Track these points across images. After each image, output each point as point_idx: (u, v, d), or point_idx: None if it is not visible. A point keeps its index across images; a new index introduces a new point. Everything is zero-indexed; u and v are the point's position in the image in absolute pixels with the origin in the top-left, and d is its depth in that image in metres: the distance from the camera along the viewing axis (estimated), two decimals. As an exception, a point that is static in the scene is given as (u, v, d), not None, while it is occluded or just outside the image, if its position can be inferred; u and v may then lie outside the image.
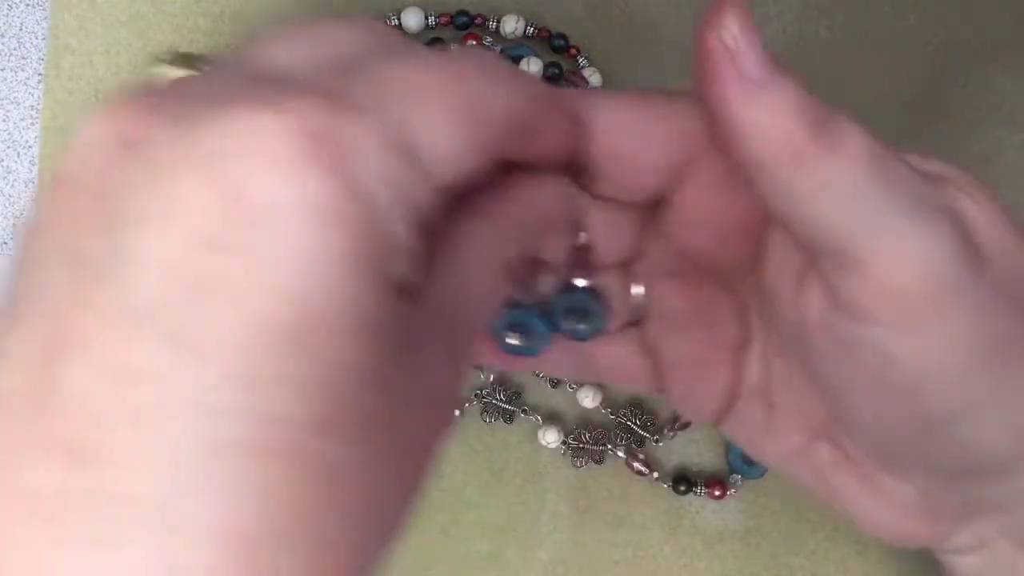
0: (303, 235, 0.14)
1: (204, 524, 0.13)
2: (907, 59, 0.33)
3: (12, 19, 0.33)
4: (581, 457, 0.32)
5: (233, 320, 0.13)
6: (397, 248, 0.15)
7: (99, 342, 0.14)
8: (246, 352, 0.13)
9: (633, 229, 0.24)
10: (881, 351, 0.19)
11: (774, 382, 0.25)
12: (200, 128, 0.14)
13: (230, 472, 0.13)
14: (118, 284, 0.14)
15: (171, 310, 0.13)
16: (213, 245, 0.13)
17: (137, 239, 0.14)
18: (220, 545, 0.13)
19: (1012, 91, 0.33)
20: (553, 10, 0.33)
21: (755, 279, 0.23)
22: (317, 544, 0.14)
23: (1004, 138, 0.33)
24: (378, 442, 0.15)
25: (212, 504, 0.13)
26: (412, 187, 0.15)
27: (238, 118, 0.14)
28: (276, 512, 0.14)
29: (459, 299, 0.18)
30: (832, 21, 0.33)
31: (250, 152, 0.14)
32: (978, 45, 0.33)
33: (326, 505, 0.14)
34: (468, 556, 0.32)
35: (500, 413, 0.32)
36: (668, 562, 0.32)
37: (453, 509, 0.32)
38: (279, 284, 0.13)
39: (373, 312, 0.14)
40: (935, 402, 0.19)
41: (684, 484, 0.32)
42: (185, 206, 0.13)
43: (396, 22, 0.32)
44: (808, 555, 0.32)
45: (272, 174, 0.14)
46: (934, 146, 0.33)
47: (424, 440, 0.16)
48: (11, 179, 0.33)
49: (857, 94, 0.33)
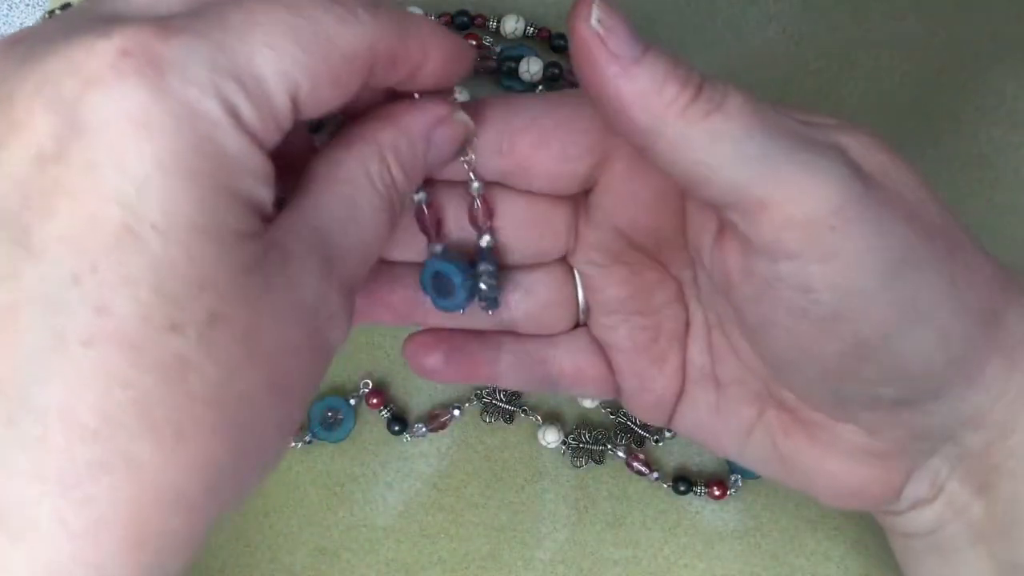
0: (124, 144, 0.15)
1: (54, 410, 0.15)
2: (907, 59, 0.33)
3: (12, 19, 0.33)
4: (581, 457, 0.32)
5: (69, 222, 0.15)
6: (238, 164, 0.16)
7: None
8: (82, 251, 0.15)
9: (567, 220, 0.26)
10: (799, 284, 0.20)
11: (716, 358, 0.26)
12: (38, 58, 0.16)
13: (74, 362, 0.15)
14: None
15: (16, 216, 0.15)
16: (50, 157, 0.15)
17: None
18: (69, 430, 0.15)
19: (1012, 91, 0.33)
20: (553, 10, 0.33)
21: (686, 254, 0.25)
22: (169, 434, 0.15)
23: (1004, 138, 0.33)
24: (227, 341, 0.16)
25: (60, 391, 0.15)
26: (252, 109, 0.17)
27: (70, 45, 0.16)
28: (122, 400, 0.15)
29: (331, 221, 0.19)
30: (832, 21, 0.33)
31: (77, 73, 0.15)
32: (978, 45, 0.33)
33: (174, 395, 0.15)
34: (468, 556, 0.32)
35: (500, 413, 0.32)
36: (668, 562, 0.32)
37: (453, 509, 0.32)
38: (108, 188, 0.15)
39: (211, 219, 0.16)
40: (861, 323, 0.20)
41: (684, 484, 0.32)
42: (26, 126, 0.15)
43: (396, 22, 0.32)
44: (808, 555, 0.32)
45: (95, 90, 0.15)
46: (934, 146, 0.33)
47: (284, 350, 0.17)
48: (11, 179, 0.33)
49: (857, 94, 0.33)
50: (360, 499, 0.32)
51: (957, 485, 0.24)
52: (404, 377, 0.33)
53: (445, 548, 0.32)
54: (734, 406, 0.26)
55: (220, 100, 0.16)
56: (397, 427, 0.32)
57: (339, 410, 0.32)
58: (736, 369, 0.25)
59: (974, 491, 0.24)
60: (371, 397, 0.32)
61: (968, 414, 0.23)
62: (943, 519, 0.25)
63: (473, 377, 0.27)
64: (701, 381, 0.26)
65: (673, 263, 0.26)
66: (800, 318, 0.21)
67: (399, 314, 0.26)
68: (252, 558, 0.32)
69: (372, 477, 0.32)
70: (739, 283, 0.22)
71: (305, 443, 0.32)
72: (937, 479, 0.24)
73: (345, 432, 0.32)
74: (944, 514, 0.25)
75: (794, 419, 0.25)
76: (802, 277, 0.20)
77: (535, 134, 0.24)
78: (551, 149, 0.24)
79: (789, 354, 0.22)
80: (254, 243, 0.17)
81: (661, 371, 0.26)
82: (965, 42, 0.33)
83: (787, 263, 0.20)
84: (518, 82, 0.33)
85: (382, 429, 0.32)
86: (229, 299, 0.16)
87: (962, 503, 0.24)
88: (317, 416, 0.32)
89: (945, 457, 0.24)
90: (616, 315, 0.26)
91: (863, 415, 0.23)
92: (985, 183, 0.33)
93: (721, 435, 0.26)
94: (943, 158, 0.33)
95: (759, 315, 0.22)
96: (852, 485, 0.25)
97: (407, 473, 0.32)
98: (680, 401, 0.26)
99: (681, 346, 0.26)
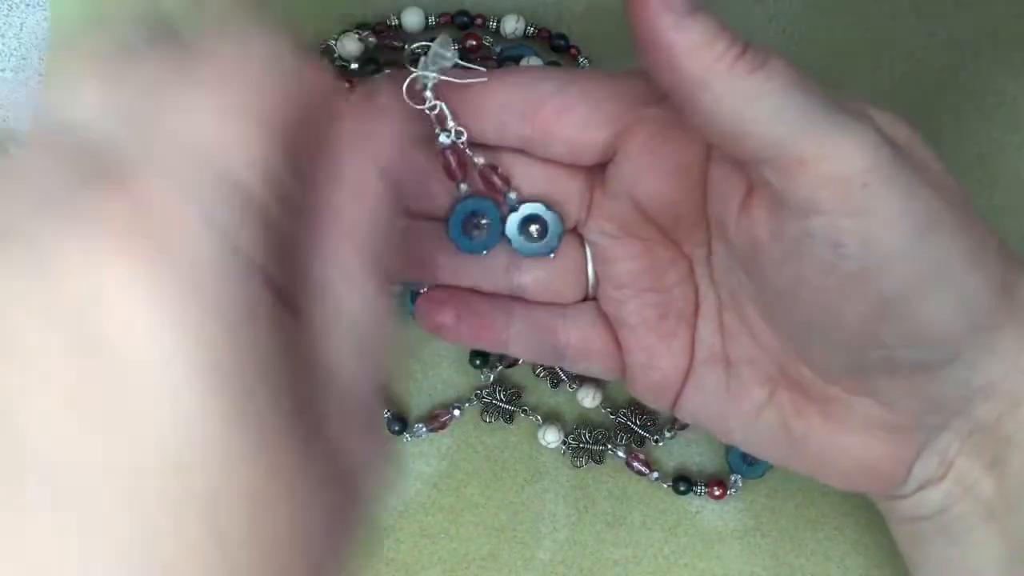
0: (156, 344, 0.14)
1: None
2: (907, 59, 0.33)
3: (12, 19, 0.33)
4: (581, 457, 0.32)
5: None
6: (247, 264, 0.15)
7: None
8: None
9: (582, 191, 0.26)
10: (829, 239, 0.21)
11: (728, 338, 0.26)
12: (26, 265, 0.14)
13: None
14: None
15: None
16: (84, 398, 0.14)
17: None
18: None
19: (1012, 91, 0.33)
20: (553, 10, 0.33)
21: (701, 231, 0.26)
22: None
23: (1004, 138, 0.33)
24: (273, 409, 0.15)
25: None
26: (234, 214, 0.15)
27: (62, 251, 0.14)
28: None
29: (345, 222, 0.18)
30: (832, 21, 0.33)
31: (87, 292, 0.14)
32: (978, 45, 0.33)
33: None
34: (468, 556, 0.32)
35: (500, 413, 0.32)
36: (668, 562, 0.32)
37: (453, 509, 0.32)
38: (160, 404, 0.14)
39: (248, 314, 0.15)
40: (886, 281, 0.21)
41: (684, 484, 0.32)
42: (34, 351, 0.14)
43: (396, 22, 0.32)
44: (808, 555, 0.32)
45: (106, 307, 0.14)
46: (934, 146, 0.33)
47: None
48: (11, 179, 0.33)
49: (857, 94, 0.33)
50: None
51: (966, 461, 0.24)
52: (404, 377, 0.33)
53: (445, 548, 0.32)
54: (745, 386, 0.26)
55: (214, 229, 0.15)
56: (397, 427, 0.32)
57: (339, 410, 0.32)
58: (749, 348, 0.26)
59: (984, 467, 0.24)
60: (371, 397, 0.32)
61: (980, 384, 0.23)
62: (952, 498, 0.25)
63: (481, 339, 0.27)
64: (710, 361, 0.26)
65: (687, 240, 0.26)
66: (828, 274, 0.21)
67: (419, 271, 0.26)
68: (252, 558, 0.32)
69: (372, 477, 0.32)
70: (768, 245, 0.22)
71: (305, 443, 0.32)
72: (946, 456, 0.24)
73: (345, 432, 0.32)
74: (953, 492, 0.25)
75: (807, 397, 0.25)
76: (832, 232, 0.21)
77: (559, 101, 0.24)
78: (574, 116, 0.24)
79: (813, 317, 0.23)
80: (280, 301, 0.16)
81: (669, 348, 0.26)
82: (965, 42, 0.33)
83: (819, 219, 0.21)
84: (518, 82, 0.33)
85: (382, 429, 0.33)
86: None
87: (972, 480, 0.24)
88: (317, 416, 0.32)
89: (956, 432, 0.24)
90: (626, 289, 0.26)
91: (880, 383, 0.23)
92: (985, 183, 0.33)
93: (729, 417, 0.26)
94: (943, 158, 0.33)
95: (787, 277, 0.22)
96: (865, 461, 0.25)
97: (407, 473, 0.32)
98: (687, 382, 0.27)
99: (689, 326, 0.26)
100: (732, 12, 0.33)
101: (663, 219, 0.26)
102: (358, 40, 0.32)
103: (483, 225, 0.26)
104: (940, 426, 0.24)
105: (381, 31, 0.32)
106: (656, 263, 0.26)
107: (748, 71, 0.20)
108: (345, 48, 0.32)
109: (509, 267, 0.27)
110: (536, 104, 0.24)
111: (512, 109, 0.24)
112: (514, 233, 0.26)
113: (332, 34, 0.32)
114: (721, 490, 0.32)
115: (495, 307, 0.27)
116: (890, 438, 0.24)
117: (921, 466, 0.25)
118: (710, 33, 0.20)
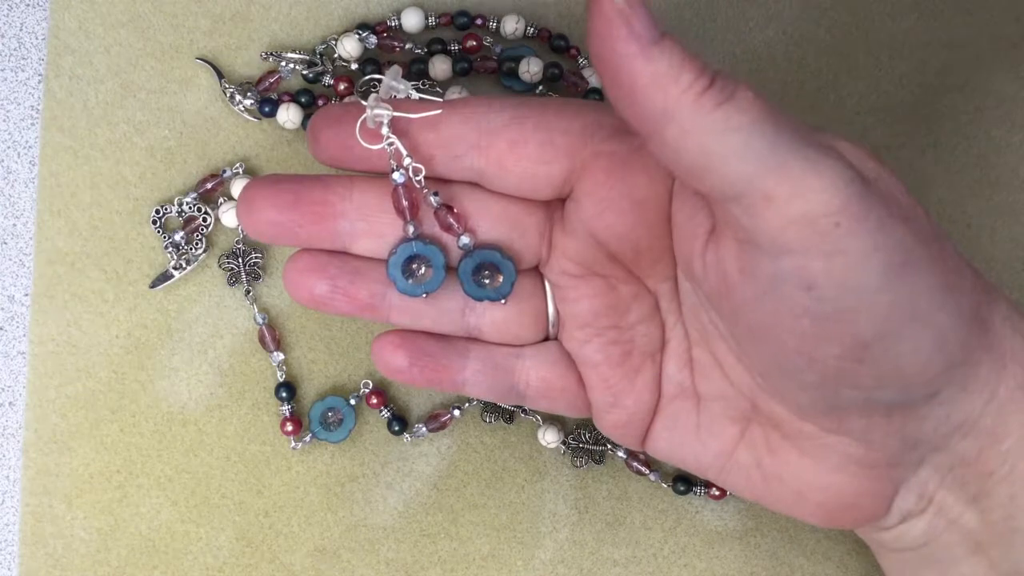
0: None
1: None
2: (907, 59, 0.33)
3: (12, 19, 0.33)
4: (581, 457, 0.32)
5: None
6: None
7: None
8: None
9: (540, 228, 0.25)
10: (801, 280, 0.20)
11: (698, 374, 0.26)
12: None
13: None
14: None
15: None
16: None
17: None
18: None
19: (1012, 91, 0.33)
20: (553, 10, 0.33)
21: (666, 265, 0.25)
22: None
23: (1004, 138, 0.33)
24: None
25: None
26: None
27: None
28: None
29: None
30: (832, 21, 0.33)
31: None
32: (978, 45, 0.33)
33: None
34: (468, 556, 0.32)
35: (500, 413, 0.32)
36: (668, 562, 0.32)
37: (453, 509, 0.32)
38: None
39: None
40: (861, 322, 0.20)
41: (684, 484, 0.32)
42: None
43: (396, 22, 0.32)
44: (808, 555, 0.32)
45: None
46: (934, 146, 0.33)
47: None
48: (11, 179, 0.33)
49: (857, 94, 0.33)
50: (360, 499, 0.32)
51: (948, 495, 0.24)
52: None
53: (445, 548, 0.32)
54: (716, 424, 0.25)
55: None
56: (397, 427, 0.32)
57: (339, 410, 0.32)
58: (720, 384, 0.25)
59: (967, 501, 0.24)
60: (371, 397, 0.32)
61: (959, 420, 0.23)
62: (935, 530, 0.24)
63: (438, 382, 0.26)
64: (679, 397, 0.26)
65: (651, 276, 0.25)
66: (801, 317, 0.21)
67: (361, 306, 0.26)
68: (252, 558, 0.32)
69: (372, 477, 0.32)
70: (738, 284, 0.21)
71: (305, 443, 0.32)
72: (925, 491, 0.24)
73: (345, 432, 0.32)
74: (935, 524, 0.24)
75: (781, 435, 0.24)
76: (805, 273, 0.20)
77: (513, 132, 0.23)
78: (528, 149, 0.23)
79: (787, 359, 0.22)
80: None
81: (633, 386, 0.26)
82: (965, 42, 0.33)
83: (790, 259, 0.20)
84: (518, 82, 0.33)
85: (382, 429, 0.32)
86: None
87: (955, 513, 0.24)
88: (317, 416, 0.32)
89: (934, 468, 0.24)
90: (588, 328, 0.26)
91: (856, 422, 0.23)
92: (985, 183, 0.33)
93: (701, 456, 0.26)
94: (943, 158, 0.33)
95: (758, 317, 0.21)
96: (844, 498, 0.24)
97: (407, 473, 0.32)
98: (655, 420, 0.26)
99: (655, 363, 0.26)
100: (731, 12, 0.33)
101: (625, 255, 0.25)
102: (358, 40, 0.32)
103: (426, 269, 0.25)
104: (919, 462, 0.24)
105: (381, 31, 0.32)
106: (619, 300, 0.25)
107: (715, 104, 0.19)
108: (345, 48, 0.32)
109: (465, 309, 0.26)
110: (490, 136, 0.23)
111: (465, 141, 0.24)
112: (467, 278, 0.25)
113: (332, 34, 0.32)
114: (721, 490, 0.32)
115: (451, 349, 0.26)
116: (868, 474, 0.24)
117: (900, 500, 0.24)
118: (676, 63, 0.19)
